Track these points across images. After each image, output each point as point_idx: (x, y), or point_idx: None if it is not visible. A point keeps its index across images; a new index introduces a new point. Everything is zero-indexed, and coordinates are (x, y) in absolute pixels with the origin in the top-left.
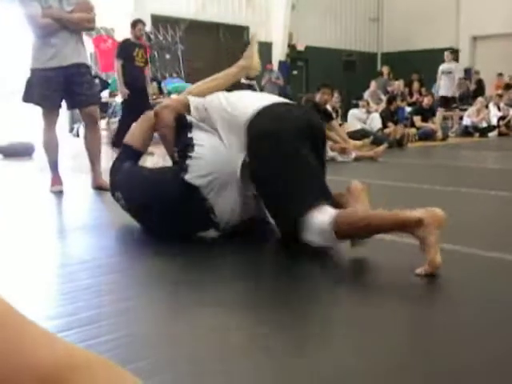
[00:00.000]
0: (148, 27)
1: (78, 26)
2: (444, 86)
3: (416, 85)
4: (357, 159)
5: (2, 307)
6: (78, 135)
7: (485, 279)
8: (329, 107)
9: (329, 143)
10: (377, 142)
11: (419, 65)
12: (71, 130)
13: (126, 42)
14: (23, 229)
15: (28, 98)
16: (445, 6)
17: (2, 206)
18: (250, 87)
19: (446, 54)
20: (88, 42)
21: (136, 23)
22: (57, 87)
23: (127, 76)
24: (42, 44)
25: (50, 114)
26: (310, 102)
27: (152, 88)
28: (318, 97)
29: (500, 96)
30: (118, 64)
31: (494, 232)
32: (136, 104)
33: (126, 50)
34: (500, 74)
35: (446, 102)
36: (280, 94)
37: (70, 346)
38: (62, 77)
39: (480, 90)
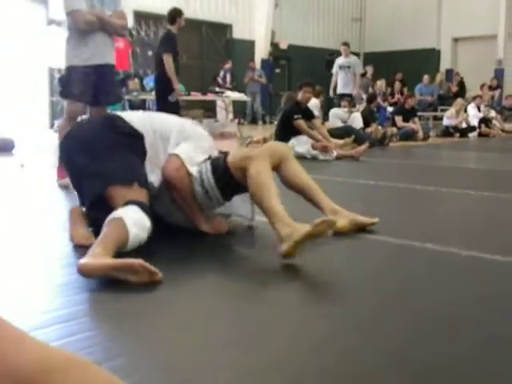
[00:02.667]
0: (130, 23)
1: (114, 29)
2: (341, 83)
3: (398, 85)
4: (338, 158)
5: None
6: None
7: (459, 276)
8: (316, 106)
9: (310, 141)
10: (358, 140)
11: (401, 65)
12: (51, 125)
13: (174, 34)
14: (4, 225)
15: (68, 93)
16: (427, 7)
17: None
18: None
19: (343, 47)
20: None
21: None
22: (91, 84)
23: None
24: (80, 42)
25: (79, 110)
26: (291, 100)
27: (133, 84)
28: (299, 95)
29: (480, 97)
30: (169, 59)
31: (476, 231)
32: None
33: (175, 43)
34: (483, 85)
35: (342, 100)
36: (262, 92)
37: (46, 348)
38: (96, 75)
39: (461, 91)
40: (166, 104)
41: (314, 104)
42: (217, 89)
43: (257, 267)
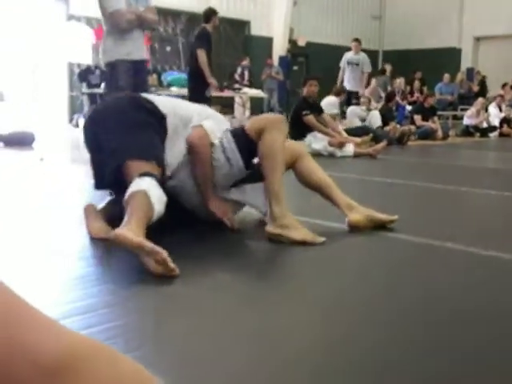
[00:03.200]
0: None
1: (149, 25)
2: (349, 80)
3: (417, 83)
4: (356, 156)
5: (6, 295)
6: (77, 125)
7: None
8: (335, 104)
9: (327, 138)
10: (377, 139)
11: (420, 64)
12: (70, 120)
13: (209, 32)
14: (22, 218)
15: (117, 87)
16: (448, 5)
17: (1, 194)
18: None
19: (354, 43)
20: (89, 32)
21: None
22: (129, 79)
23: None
24: (119, 39)
25: None
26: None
27: (152, 80)
28: (305, 90)
29: (502, 97)
30: (203, 54)
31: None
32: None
33: (209, 41)
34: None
35: (349, 98)
36: (279, 89)
37: (75, 335)
38: (133, 70)
39: (482, 90)
40: (197, 98)
41: (333, 101)
42: (235, 85)
43: (272, 262)
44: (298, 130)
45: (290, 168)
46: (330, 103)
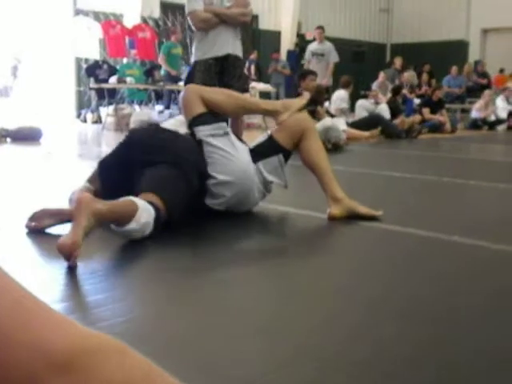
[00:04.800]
0: (157, 14)
1: (233, 20)
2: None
3: (425, 76)
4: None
5: (16, 290)
6: (85, 121)
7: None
8: (344, 98)
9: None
10: (386, 131)
11: (429, 57)
12: (78, 115)
13: None
14: (29, 212)
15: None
16: None
17: (7, 189)
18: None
19: (318, 31)
20: (97, 27)
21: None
22: (213, 75)
23: None
24: (203, 36)
25: None
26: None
27: (159, 75)
28: (305, 84)
29: (510, 90)
30: None
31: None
32: None
33: None
34: (501, 70)
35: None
36: (287, 83)
37: (84, 330)
38: (219, 66)
39: (490, 83)
40: None
41: (343, 96)
42: None
43: (285, 255)
44: None
45: (298, 144)
46: (339, 97)
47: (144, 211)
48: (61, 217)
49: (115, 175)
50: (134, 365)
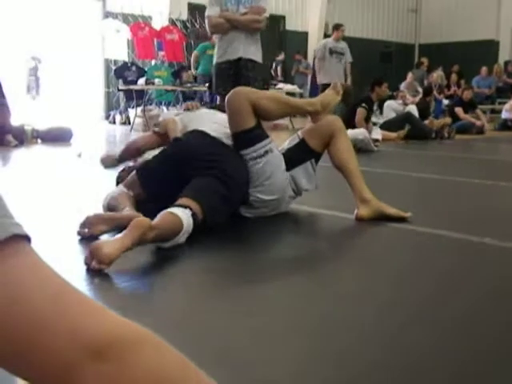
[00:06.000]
0: (185, 16)
1: (245, 26)
2: (329, 71)
3: (454, 77)
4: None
5: (57, 281)
6: (114, 122)
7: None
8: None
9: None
10: (414, 133)
11: (458, 57)
12: (107, 116)
13: None
14: (56, 212)
15: (214, 89)
16: None
17: (38, 189)
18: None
19: (341, 28)
20: (125, 29)
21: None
22: (226, 78)
23: None
24: (219, 41)
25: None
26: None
27: (187, 76)
28: (381, 91)
29: None
30: None
31: None
32: None
33: None
34: None
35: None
36: (312, 84)
37: (122, 321)
38: (233, 69)
39: None
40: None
41: (395, 106)
42: (271, 81)
43: (319, 258)
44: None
45: (328, 144)
46: (390, 107)
47: (188, 226)
48: (114, 222)
49: (159, 184)
50: (169, 359)
